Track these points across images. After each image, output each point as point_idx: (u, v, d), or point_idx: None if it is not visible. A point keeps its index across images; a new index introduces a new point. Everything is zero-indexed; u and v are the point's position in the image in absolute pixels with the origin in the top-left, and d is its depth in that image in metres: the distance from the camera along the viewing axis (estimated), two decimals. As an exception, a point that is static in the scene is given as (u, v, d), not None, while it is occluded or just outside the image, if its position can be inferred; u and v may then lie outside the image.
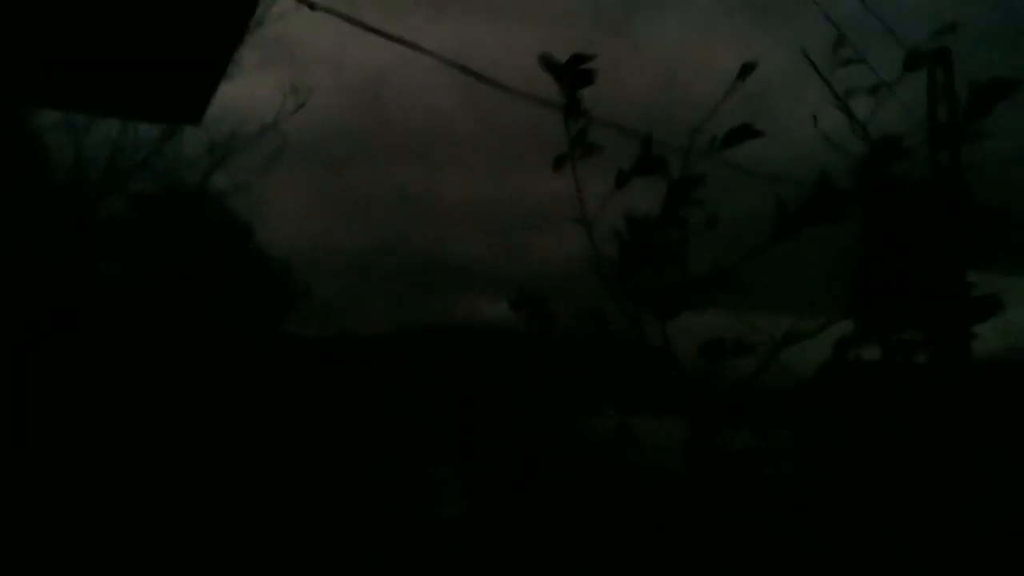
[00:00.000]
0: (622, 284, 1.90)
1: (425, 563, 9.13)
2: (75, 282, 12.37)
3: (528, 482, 12.49)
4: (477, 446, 15.03)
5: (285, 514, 10.55)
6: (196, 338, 12.89)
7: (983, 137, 1.96)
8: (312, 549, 9.48)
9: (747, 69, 2.04)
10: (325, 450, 13.09)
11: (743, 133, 1.98)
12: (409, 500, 12.13)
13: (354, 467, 13.10)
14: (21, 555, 7.89)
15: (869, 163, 1.82)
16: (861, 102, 2.10)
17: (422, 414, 15.98)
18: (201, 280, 13.88)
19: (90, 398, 11.03)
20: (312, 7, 3.34)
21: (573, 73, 1.91)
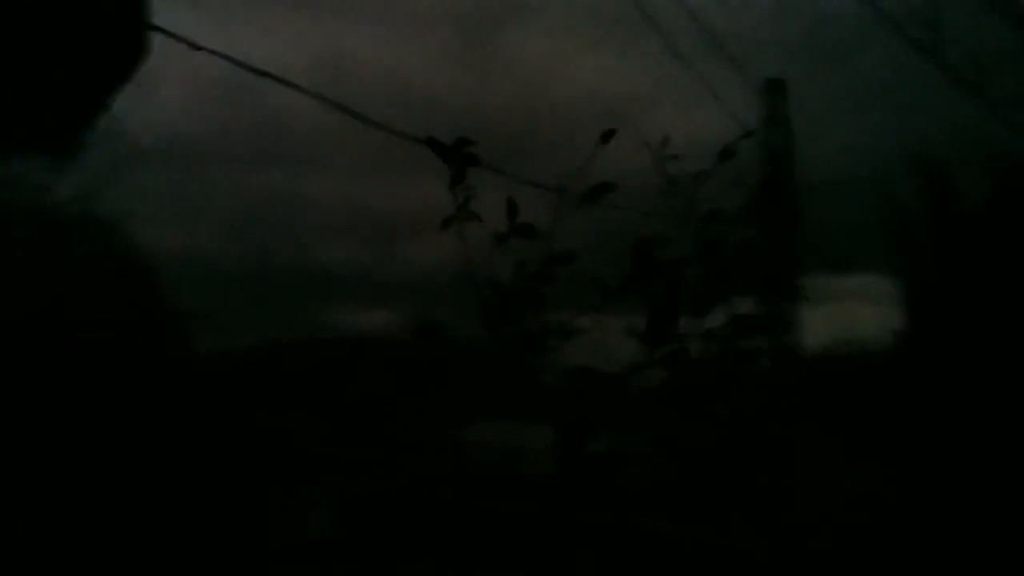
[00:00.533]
0: (495, 328, 2.19)
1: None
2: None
3: (400, 495, 12.55)
4: (351, 462, 14.94)
5: (143, 542, 10.13)
6: (48, 356, 12.10)
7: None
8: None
9: (608, 135, 2.37)
10: (187, 474, 12.61)
11: (601, 189, 2.32)
12: (274, 522, 11.90)
13: (218, 491, 12.72)
14: None
15: (697, 238, 2.19)
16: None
17: (294, 431, 15.71)
18: (59, 294, 13.02)
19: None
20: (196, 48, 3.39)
21: (459, 155, 2.20)
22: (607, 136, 2.36)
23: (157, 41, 3.21)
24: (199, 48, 3.45)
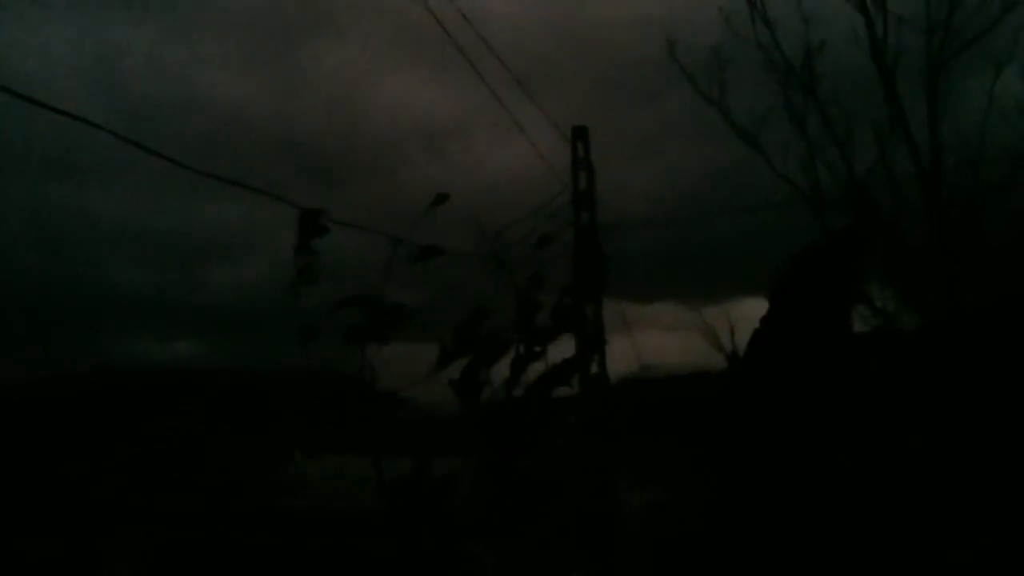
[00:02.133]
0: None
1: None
2: None
3: (210, 541, 11.89)
4: (156, 507, 13.92)
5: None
6: None
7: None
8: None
9: (441, 199, 2.62)
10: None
11: (430, 252, 2.58)
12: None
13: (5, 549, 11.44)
14: None
15: (520, 308, 2.48)
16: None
17: (92, 476, 14.42)
18: None
19: None
20: None
21: (310, 225, 2.38)
22: (440, 200, 2.61)
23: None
24: None
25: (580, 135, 15.73)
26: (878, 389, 12.30)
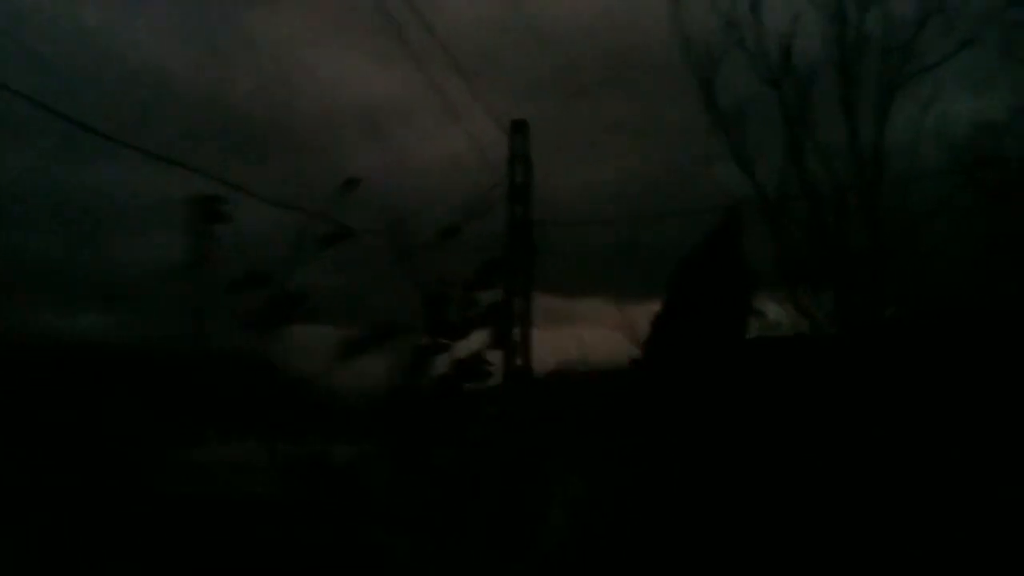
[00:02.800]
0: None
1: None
2: None
3: (104, 524, 11.33)
4: (45, 495, 13.15)
5: None
6: None
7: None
8: None
9: (351, 184, 2.54)
10: None
11: (338, 236, 2.50)
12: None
13: None
14: None
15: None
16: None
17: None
18: None
19: None
20: None
21: (207, 211, 2.28)
22: (350, 184, 2.53)
23: None
24: None
25: (519, 129, 15.73)
26: (771, 390, 12.78)
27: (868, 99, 11.40)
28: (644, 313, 15.25)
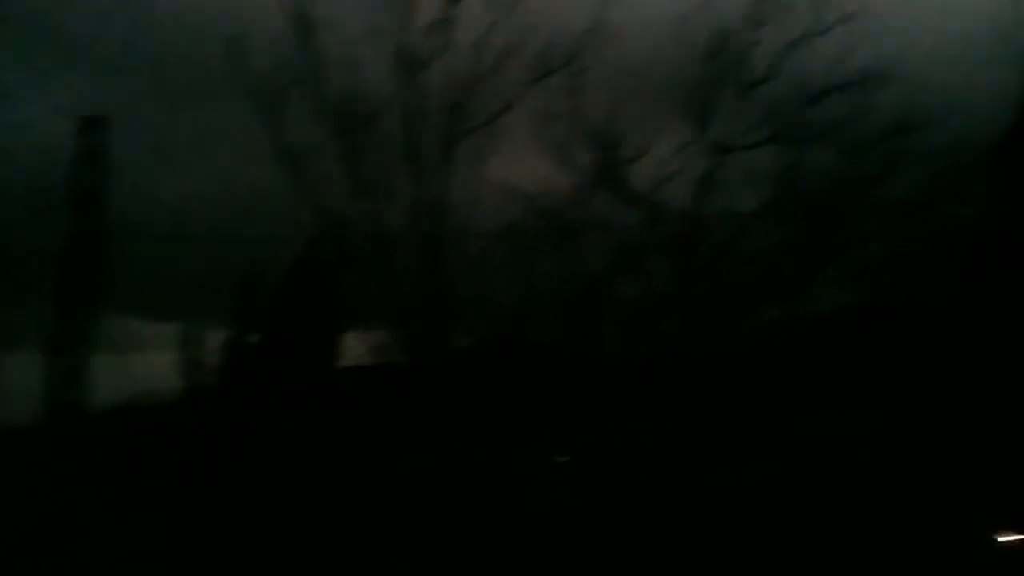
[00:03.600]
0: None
1: None
2: None
3: None
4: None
5: None
6: None
7: None
8: None
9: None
10: None
11: None
12: None
13: None
14: None
15: None
16: None
17: None
18: None
19: None
20: None
21: None
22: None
23: None
24: None
25: (92, 126, 13.95)
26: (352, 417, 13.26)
27: (432, 151, 12.29)
28: (222, 338, 14.48)
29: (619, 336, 13.96)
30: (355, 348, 14.01)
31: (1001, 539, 10.84)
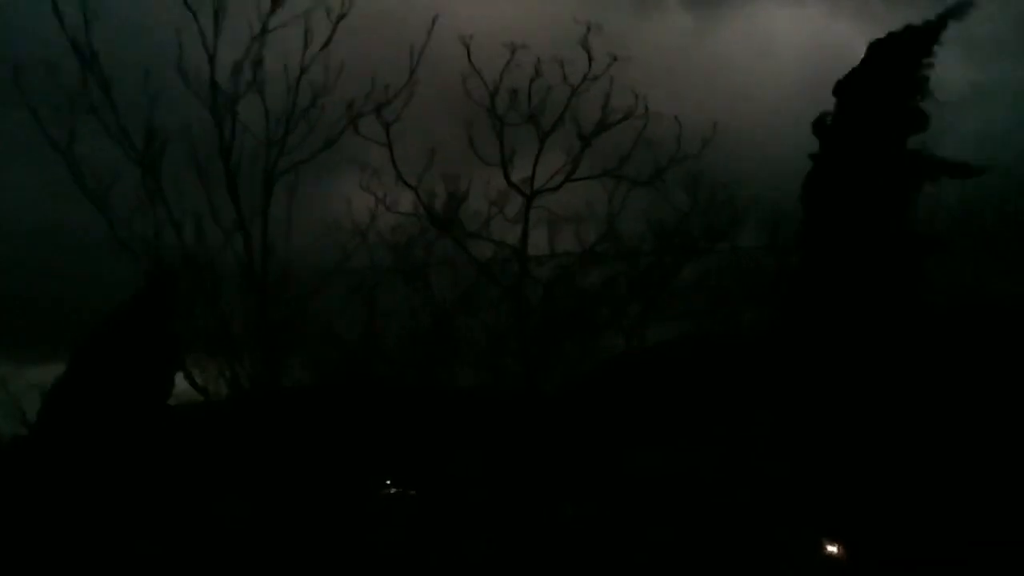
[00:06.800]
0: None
1: None
2: None
3: None
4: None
5: None
6: None
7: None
8: None
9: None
10: None
11: None
12: None
13: None
14: None
15: None
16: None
17: None
18: None
19: None
20: None
21: None
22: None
23: None
24: None
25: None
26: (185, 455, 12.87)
27: (253, 186, 12.26)
28: (47, 377, 13.75)
29: (458, 370, 14.21)
30: (186, 384, 13.61)
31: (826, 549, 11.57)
